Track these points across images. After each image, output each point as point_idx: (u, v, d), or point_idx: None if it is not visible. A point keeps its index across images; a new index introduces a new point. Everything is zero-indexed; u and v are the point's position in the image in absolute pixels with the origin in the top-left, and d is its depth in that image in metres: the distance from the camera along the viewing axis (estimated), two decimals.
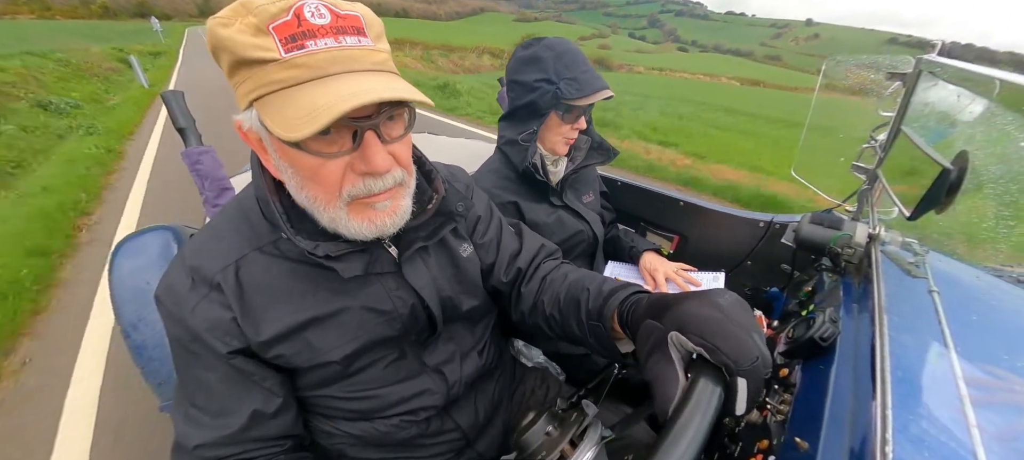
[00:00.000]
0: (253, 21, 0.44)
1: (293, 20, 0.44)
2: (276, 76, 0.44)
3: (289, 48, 0.44)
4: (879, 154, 1.05)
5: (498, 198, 1.05)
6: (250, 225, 0.59)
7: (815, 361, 0.69)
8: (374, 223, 0.54)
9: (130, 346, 0.85)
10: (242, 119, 0.50)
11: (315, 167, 0.49)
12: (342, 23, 0.46)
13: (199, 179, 0.92)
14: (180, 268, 0.57)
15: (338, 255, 0.56)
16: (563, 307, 0.68)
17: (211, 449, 0.56)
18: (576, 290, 0.67)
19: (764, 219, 1.28)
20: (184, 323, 0.55)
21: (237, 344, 0.56)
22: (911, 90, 0.94)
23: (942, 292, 0.73)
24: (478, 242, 0.77)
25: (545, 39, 1.01)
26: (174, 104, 0.92)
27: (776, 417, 0.64)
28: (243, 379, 0.58)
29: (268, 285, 0.57)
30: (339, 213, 0.52)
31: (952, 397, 0.53)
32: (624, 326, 0.57)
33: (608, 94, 0.99)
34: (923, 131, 0.90)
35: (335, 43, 0.45)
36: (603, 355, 0.64)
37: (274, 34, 0.43)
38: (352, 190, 0.51)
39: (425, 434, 0.72)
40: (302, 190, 0.52)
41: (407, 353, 0.68)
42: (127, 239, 0.90)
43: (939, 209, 0.71)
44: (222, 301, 0.56)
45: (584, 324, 0.63)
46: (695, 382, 0.42)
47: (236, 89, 0.48)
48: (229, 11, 0.45)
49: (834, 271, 0.94)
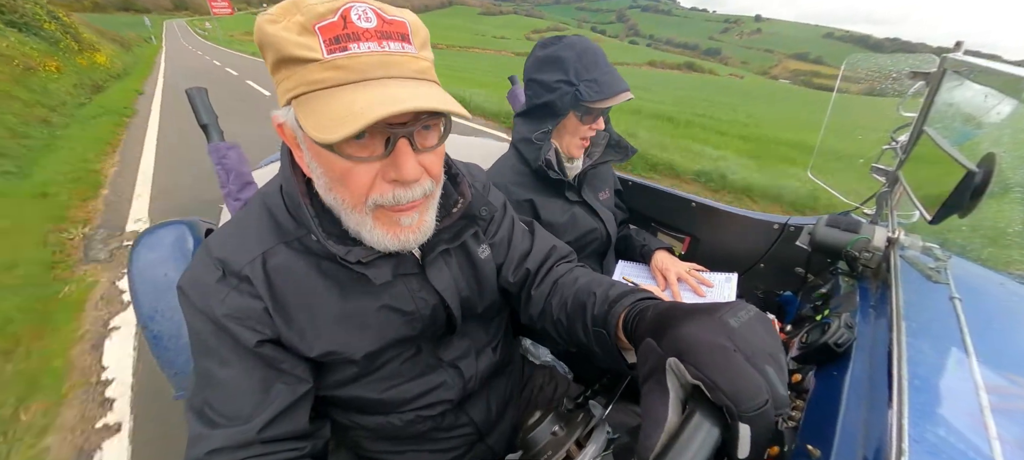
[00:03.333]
0: (300, 19, 0.44)
1: (339, 22, 0.44)
2: (316, 76, 0.44)
3: (332, 49, 0.44)
4: (900, 156, 1.02)
5: (514, 195, 1.05)
6: (275, 220, 0.59)
7: (829, 367, 0.68)
8: (398, 238, 0.54)
9: (147, 337, 0.88)
10: (280, 115, 0.51)
11: (345, 170, 0.49)
12: (387, 28, 0.46)
13: (224, 173, 0.94)
14: (206, 260, 0.57)
15: (368, 260, 0.56)
16: (570, 312, 0.66)
17: (224, 454, 0.54)
18: (583, 295, 0.64)
19: (779, 221, 1.25)
20: (210, 314, 0.55)
21: (268, 333, 0.56)
22: (934, 90, 0.91)
23: (964, 299, 0.71)
24: (490, 240, 0.77)
25: (565, 38, 1.00)
26: (198, 100, 0.94)
27: (787, 423, 0.62)
28: (268, 370, 0.57)
29: (295, 279, 0.58)
30: (364, 219, 0.53)
31: (972, 406, 0.52)
32: (629, 336, 0.53)
33: (629, 96, 0.97)
34: (947, 132, 0.87)
35: (378, 47, 0.45)
36: (611, 366, 0.60)
37: (319, 34, 0.44)
38: (380, 198, 0.51)
39: (439, 428, 0.73)
40: (330, 191, 0.53)
41: (423, 349, 0.69)
42: (145, 233, 0.93)
43: (962, 213, 0.69)
44: (252, 292, 0.56)
45: (589, 331, 0.61)
46: (688, 419, 0.36)
47: (278, 86, 0.48)
48: (278, 9, 0.46)
49: (851, 275, 0.92)
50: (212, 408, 0.56)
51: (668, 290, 1.11)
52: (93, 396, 1.76)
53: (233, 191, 0.94)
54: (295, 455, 0.59)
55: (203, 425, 0.55)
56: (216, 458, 0.54)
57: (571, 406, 0.64)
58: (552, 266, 0.77)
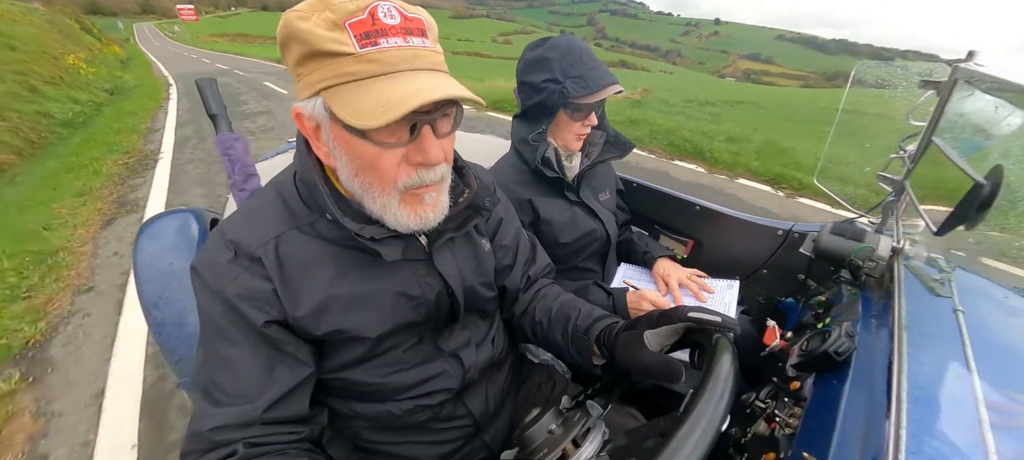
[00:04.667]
0: (330, 16, 0.47)
1: (368, 19, 0.48)
2: (349, 69, 0.48)
3: (363, 44, 0.48)
4: (908, 165, 1.01)
5: (515, 194, 1.06)
6: (288, 206, 0.62)
7: (828, 375, 0.68)
8: (420, 216, 0.58)
9: (151, 323, 0.88)
10: (302, 106, 0.53)
11: (374, 156, 0.52)
12: (409, 25, 0.50)
13: (230, 164, 0.95)
14: (220, 242, 0.59)
15: (381, 238, 0.59)
16: (553, 319, 0.79)
17: (227, 432, 0.55)
18: (568, 309, 0.79)
19: (783, 227, 1.25)
20: (221, 294, 0.57)
21: (275, 314, 0.58)
22: (945, 100, 0.90)
23: (967, 312, 0.70)
24: (499, 243, 0.82)
25: (552, 39, 1.01)
26: (208, 91, 0.95)
27: (784, 430, 0.62)
28: (273, 351, 0.59)
29: (306, 262, 0.60)
30: (391, 202, 0.56)
31: (971, 420, 0.51)
32: (601, 346, 0.70)
33: (617, 89, 0.98)
34: (956, 142, 0.86)
35: (404, 42, 0.50)
36: (579, 363, 0.77)
37: (349, 30, 0.47)
38: (406, 181, 0.55)
39: (437, 419, 0.75)
40: (356, 177, 0.56)
41: (425, 339, 0.71)
42: (150, 221, 0.94)
43: (969, 225, 0.68)
44: (263, 274, 0.58)
45: (569, 336, 0.75)
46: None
47: (301, 79, 0.51)
48: (306, 6, 0.49)
49: (854, 284, 0.92)
50: (217, 386, 0.57)
51: (669, 295, 1.11)
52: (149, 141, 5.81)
53: (238, 182, 0.94)
54: (293, 438, 0.61)
55: (207, 402, 0.57)
56: (219, 435, 0.55)
57: (569, 405, 0.64)
58: (539, 277, 0.90)
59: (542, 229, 1.09)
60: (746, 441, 0.66)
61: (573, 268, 1.18)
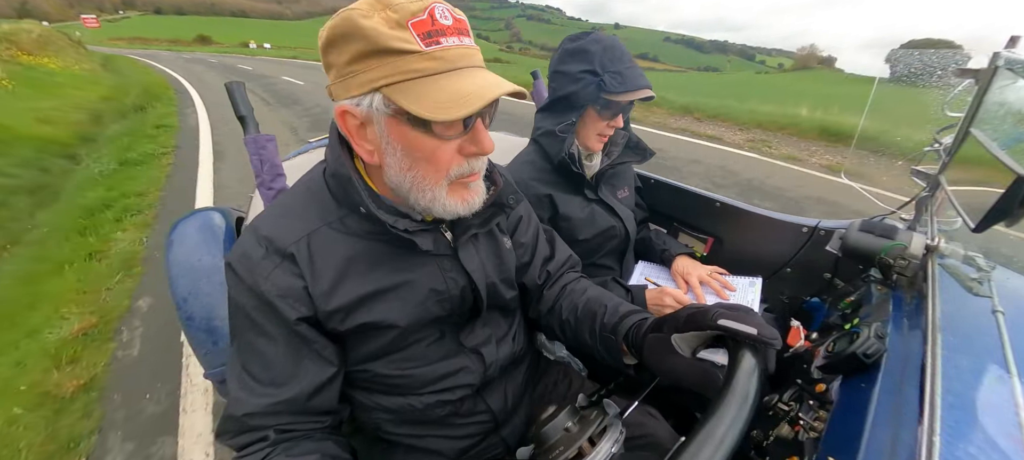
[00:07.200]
0: (393, 16, 0.49)
1: (427, 19, 0.50)
2: (417, 65, 0.50)
3: (428, 43, 0.50)
4: (943, 158, 0.97)
5: (533, 190, 1.05)
6: (319, 203, 0.64)
7: (856, 378, 0.65)
8: (466, 201, 0.61)
9: (181, 317, 0.93)
10: (352, 103, 0.54)
11: (433, 148, 0.55)
12: (460, 26, 0.53)
13: (260, 163, 0.97)
14: (253, 238, 0.61)
15: (414, 230, 0.61)
16: (580, 316, 0.77)
17: (259, 418, 0.60)
18: (594, 305, 0.76)
19: (808, 224, 1.21)
20: (255, 290, 0.59)
21: (305, 311, 0.60)
22: (984, 89, 0.86)
23: (1008, 313, 0.67)
24: (518, 240, 0.83)
25: (595, 33, 1.01)
26: (236, 94, 0.98)
27: (809, 434, 0.61)
28: (303, 346, 0.62)
29: (337, 257, 0.62)
30: (440, 191, 0.59)
31: (1011, 427, 0.49)
32: (630, 344, 0.67)
33: (649, 94, 0.98)
34: (995, 134, 0.81)
35: (458, 41, 0.53)
36: (608, 362, 0.73)
37: (412, 29, 0.49)
38: (458, 170, 0.58)
39: (458, 414, 0.76)
40: (410, 171, 0.57)
41: (446, 335, 0.72)
42: (180, 221, 0.98)
43: (1010, 221, 0.65)
44: (295, 271, 0.60)
45: (597, 335, 0.73)
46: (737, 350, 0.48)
47: (352, 76, 0.52)
48: (366, 5, 0.51)
49: (884, 283, 0.88)
50: (251, 375, 0.61)
51: (690, 293, 1.09)
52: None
53: (266, 181, 0.97)
54: (318, 427, 0.64)
55: (241, 390, 0.61)
56: (252, 420, 0.60)
57: (585, 403, 0.64)
58: (565, 272, 0.89)
59: (561, 225, 1.09)
60: (768, 444, 0.65)
61: (591, 265, 1.17)
